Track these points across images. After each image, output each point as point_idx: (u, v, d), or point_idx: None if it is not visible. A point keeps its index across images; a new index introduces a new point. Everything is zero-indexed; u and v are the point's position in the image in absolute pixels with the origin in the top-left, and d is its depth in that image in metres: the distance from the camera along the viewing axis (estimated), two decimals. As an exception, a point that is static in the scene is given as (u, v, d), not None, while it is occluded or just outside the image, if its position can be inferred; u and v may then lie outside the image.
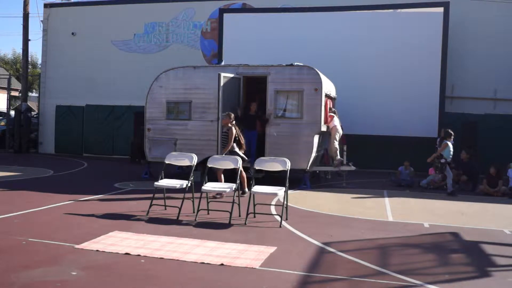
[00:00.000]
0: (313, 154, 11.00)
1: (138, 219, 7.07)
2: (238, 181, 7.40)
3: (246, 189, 9.24)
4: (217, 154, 9.63)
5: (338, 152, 11.69)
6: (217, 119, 10.77)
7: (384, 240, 6.34)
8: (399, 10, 15.75)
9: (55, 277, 4.46)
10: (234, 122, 9.42)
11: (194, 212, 7.39)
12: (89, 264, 4.84)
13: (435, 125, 14.98)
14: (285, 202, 7.26)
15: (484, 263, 5.39)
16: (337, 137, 11.68)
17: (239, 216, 7.30)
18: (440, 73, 15.10)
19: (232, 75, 11.26)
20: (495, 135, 14.92)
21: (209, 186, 7.49)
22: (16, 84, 32.33)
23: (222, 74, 10.93)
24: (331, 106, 11.86)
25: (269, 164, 7.71)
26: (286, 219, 7.23)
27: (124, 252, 5.26)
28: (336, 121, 11.72)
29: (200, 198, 7.35)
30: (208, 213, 7.46)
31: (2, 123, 21.14)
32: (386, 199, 9.83)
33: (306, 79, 11.05)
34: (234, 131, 9.21)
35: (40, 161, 15.78)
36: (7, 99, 20.89)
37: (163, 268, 4.80)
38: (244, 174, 9.16)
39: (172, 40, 18.49)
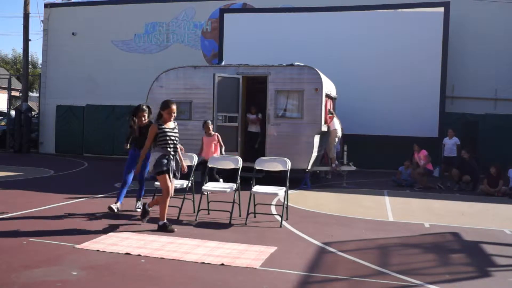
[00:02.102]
0: (314, 154, 11.00)
1: (139, 219, 7.06)
2: (238, 181, 7.39)
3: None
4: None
5: (334, 158, 11.70)
6: (213, 119, 10.87)
7: (384, 240, 6.34)
8: (399, 10, 15.76)
9: (56, 277, 4.46)
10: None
11: (194, 212, 7.39)
12: (89, 264, 4.84)
13: (435, 125, 15.00)
14: (286, 202, 7.26)
15: (484, 263, 5.39)
16: (336, 140, 11.70)
17: (240, 216, 7.31)
18: (440, 73, 15.12)
19: (230, 75, 11.28)
20: (495, 135, 14.92)
21: (209, 186, 7.49)
22: (17, 84, 32.34)
23: (217, 74, 10.99)
24: (329, 108, 11.85)
25: (269, 164, 7.71)
26: (287, 219, 7.23)
27: (124, 252, 5.26)
28: (336, 124, 11.71)
29: (201, 198, 7.36)
30: (208, 213, 7.46)
31: (3, 123, 21.16)
32: (387, 199, 9.84)
33: (307, 79, 11.05)
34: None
35: (41, 161, 15.79)
36: (8, 99, 20.91)
37: (163, 268, 4.80)
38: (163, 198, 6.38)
39: (173, 40, 18.50)
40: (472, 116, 15.28)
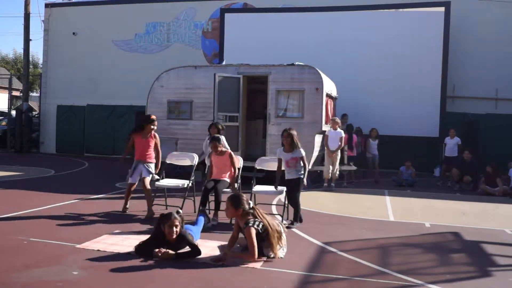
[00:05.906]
0: (314, 154, 10.99)
1: (140, 219, 7.07)
2: (239, 181, 7.38)
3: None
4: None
5: (328, 178, 11.12)
6: (213, 118, 10.85)
7: (385, 240, 6.34)
8: (400, 10, 15.74)
9: (56, 276, 4.46)
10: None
11: (195, 212, 7.39)
12: (90, 263, 4.85)
13: (436, 125, 14.97)
14: (286, 202, 7.26)
15: (485, 263, 5.39)
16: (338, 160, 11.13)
17: (240, 215, 7.29)
18: (441, 72, 15.07)
19: (230, 75, 11.28)
20: (496, 134, 14.89)
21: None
22: (17, 84, 32.35)
23: (218, 74, 10.99)
24: (331, 110, 11.54)
25: (270, 163, 7.71)
26: (287, 218, 7.22)
27: (125, 252, 5.27)
28: (336, 139, 10.94)
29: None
30: (209, 213, 7.45)
31: (4, 123, 21.16)
32: (387, 199, 9.83)
33: (307, 79, 11.05)
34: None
35: (41, 161, 15.80)
36: (8, 99, 20.89)
37: (164, 268, 4.80)
38: None
39: (173, 40, 18.49)
40: (473, 116, 15.25)
